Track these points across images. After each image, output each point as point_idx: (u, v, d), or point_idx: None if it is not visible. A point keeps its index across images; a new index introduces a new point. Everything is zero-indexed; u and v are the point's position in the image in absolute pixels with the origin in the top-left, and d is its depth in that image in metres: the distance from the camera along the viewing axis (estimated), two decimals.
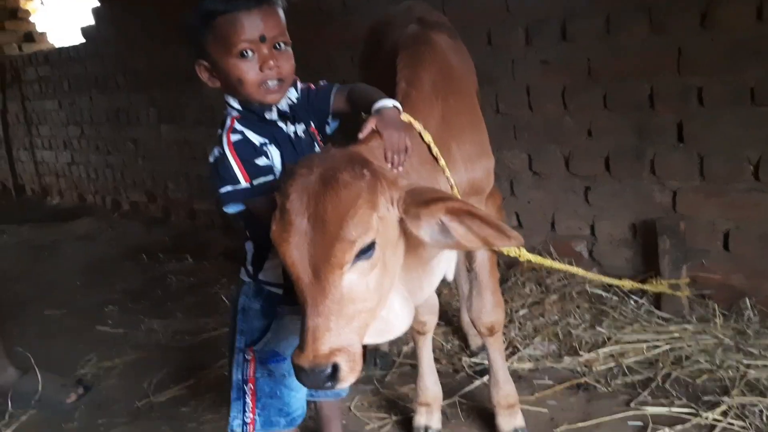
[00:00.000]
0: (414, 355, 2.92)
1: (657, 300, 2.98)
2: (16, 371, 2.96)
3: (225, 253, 4.91)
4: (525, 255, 2.05)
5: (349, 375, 1.31)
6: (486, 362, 2.76)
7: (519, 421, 2.23)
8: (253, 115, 1.68)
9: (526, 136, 3.41)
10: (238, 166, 1.60)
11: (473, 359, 2.83)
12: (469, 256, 2.06)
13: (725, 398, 2.27)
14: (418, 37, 2.00)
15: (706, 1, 2.75)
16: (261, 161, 1.63)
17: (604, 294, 3.15)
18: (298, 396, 1.86)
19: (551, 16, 3.21)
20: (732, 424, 2.15)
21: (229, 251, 4.94)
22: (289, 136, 1.72)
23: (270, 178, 1.63)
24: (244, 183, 1.60)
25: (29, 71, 7.60)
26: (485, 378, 2.64)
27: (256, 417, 1.81)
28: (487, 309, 2.13)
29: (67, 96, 7.06)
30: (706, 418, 2.19)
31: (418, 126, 1.67)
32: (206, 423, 2.63)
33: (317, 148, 1.80)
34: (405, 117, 1.66)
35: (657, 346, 2.68)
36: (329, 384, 1.31)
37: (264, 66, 1.60)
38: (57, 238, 6.08)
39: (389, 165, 1.55)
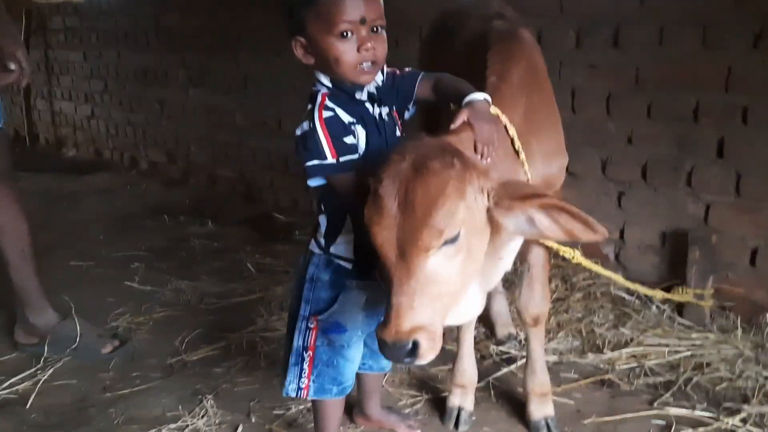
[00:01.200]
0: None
1: (679, 307, 3.09)
2: (55, 315, 3.03)
3: (247, 221, 4.98)
4: (578, 258, 2.15)
5: (428, 352, 1.42)
6: (512, 352, 2.90)
7: (549, 409, 2.33)
8: (344, 93, 1.75)
9: (566, 137, 3.47)
10: (327, 142, 1.68)
11: (500, 347, 2.92)
12: (524, 249, 2.13)
13: (745, 406, 2.38)
14: (508, 33, 2.08)
15: (761, 24, 2.83)
16: (349, 139, 1.71)
17: (627, 297, 3.25)
18: (352, 367, 1.95)
19: (604, 21, 3.28)
20: (751, 431, 2.26)
21: (251, 219, 5.02)
22: (374, 117, 1.79)
23: (355, 156, 1.71)
24: (331, 159, 1.68)
25: (56, 20, 7.57)
26: (512, 366, 2.76)
27: (311, 383, 1.91)
28: (536, 300, 2.22)
29: (94, 49, 7.05)
30: (727, 423, 2.30)
31: (504, 119, 1.75)
32: (240, 385, 2.72)
33: (398, 132, 1.87)
34: (494, 110, 1.73)
35: (678, 352, 2.79)
36: (408, 359, 1.41)
37: (362, 48, 1.66)
38: (75, 189, 6.11)
39: (479, 156, 1.63)
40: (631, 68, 3.21)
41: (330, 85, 1.75)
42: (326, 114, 1.70)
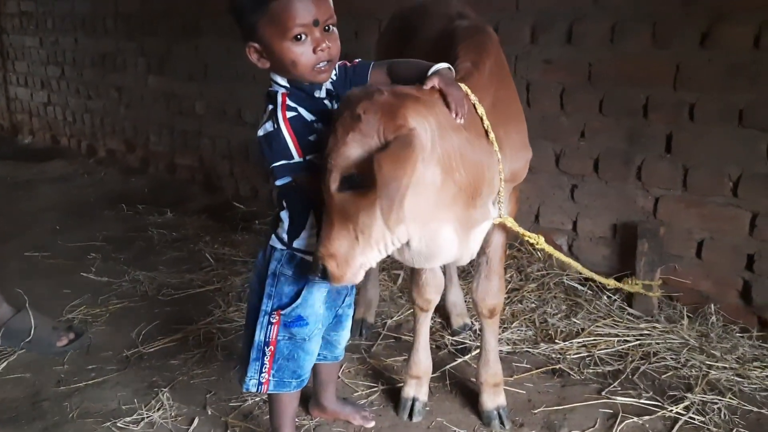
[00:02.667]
0: (397, 328, 3.12)
1: (629, 298, 3.18)
2: (9, 308, 2.99)
3: (206, 210, 4.96)
4: (542, 243, 2.20)
5: (335, 276, 1.65)
6: (467, 342, 2.96)
7: (501, 399, 2.39)
8: (302, 92, 1.77)
9: None
10: (294, 142, 1.71)
11: (455, 338, 2.98)
12: (484, 241, 2.16)
13: (688, 395, 2.47)
14: (478, 29, 2.11)
15: (708, 23, 2.91)
16: (313, 138, 1.74)
17: (579, 287, 3.33)
18: (311, 359, 2.00)
19: (559, 17, 3.33)
20: (693, 419, 2.35)
21: (210, 209, 5.00)
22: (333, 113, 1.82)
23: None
24: (297, 158, 1.71)
25: (10, 4, 7.40)
26: (467, 356, 2.81)
27: (271, 378, 1.95)
28: (493, 292, 2.27)
29: (50, 34, 6.91)
30: (671, 411, 2.39)
31: (473, 97, 1.80)
32: (196, 377, 2.72)
33: None
34: (463, 87, 1.78)
35: (627, 341, 2.87)
36: (324, 280, 1.68)
37: (317, 49, 1.69)
38: (31, 177, 6.02)
39: (453, 115, 1.70)
40: (584, 64, 3.27)
41: (288, 85, 1.77)
42: (290, 114, 1.73)
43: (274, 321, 1.90)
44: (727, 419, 2.35)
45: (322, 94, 1.80)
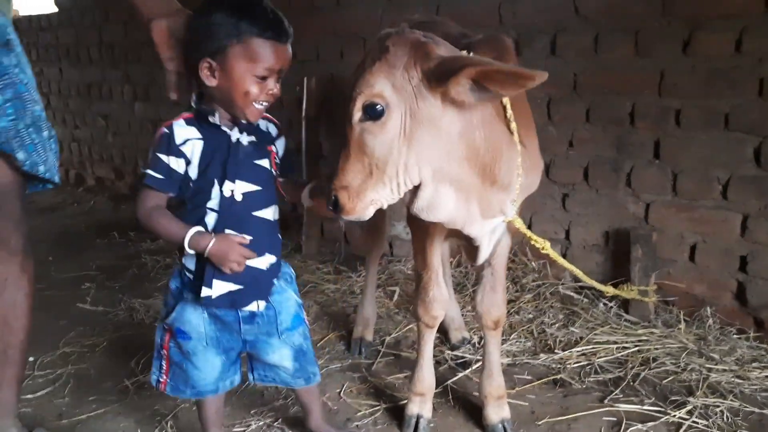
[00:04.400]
0: (396, 345, 3.13)
1: (625, 304, 3.20)
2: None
3: None
4: (547, 249, 2.21)
5: (346, 209, 1.68)
6: (467, 356, 2.96)
7: (506, 412, 2.39)
8: (201, 116, 1.84)
9: None
10: (151, 154, 1.82)
11: (454, 352, 2.99)
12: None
13: (690, 399, 2.48)
14: (496, 36, 2.12)
15: (689, 31, 2.96)
16: (165, 158, 1.80)
17: (575, 296, 3.35)
18: (202, 375, 2.03)
19: (541, 30, 3.38)
20: (696, 423, 2.36)
21: None
22: (229, 138, 1.86)
23: (159, 176, 1.80)
24: (148, 170, 1.81)
25: None
26: (468, 370, 2.82)
27: (168, 380, 2.04)
28: (498, 303, 2.28)
29: (35, 65, 6.89)
30: (674, 416, 2.40)
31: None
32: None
33: (263, 160, 1.94)
34: None
35: (626, 348, 2.89)
36: (335, 212, 1.71)
37: (268, 91, 1.80)
38: None
39: None
40: (569, 75, 3.32)
41: (195, 107, 1.85)
42: (164, 130, 1.82)
43: (167, 328, 2.00)
44: (729, 421, 2.36)
45: (217, 121, 1.84)
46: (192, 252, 1.80)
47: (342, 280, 3.93)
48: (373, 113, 1.61)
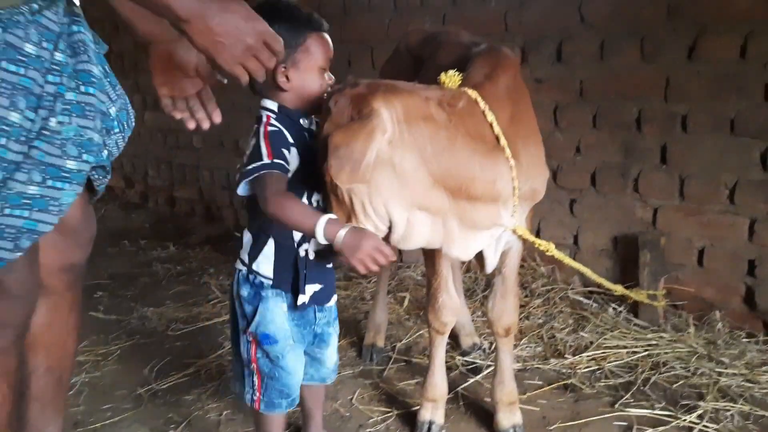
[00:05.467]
0: (407, 351, 3.15)
1: (634, 308, 3.22)
2: None
3: (209, 241, 4.99)
4: (552, 250, 2.25)
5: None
6: (478, 361, 2.98)
7: (518, 418, 2.41)
8: (288, 118, 1.89)
9: None
10: (267, 148, 1.80)
11: (465, 358, 3.01)
12: (500, 261, 2.23)
13: (701, 403, 2.49)
14: (494, 48, 2.17)
15: (694, 36, 2.98)
16: (286, 152, 1.83)
17: (584, 301, 3.37)
18: (294, 378, 2.02)
19: (547, 36, 3.41)
20: (707, 427, 2.37)
21: (212, 240, 5.03)
22: (304, 127, 1.94)
23: (287, 165, 1.81)
24: (266, 159, 1.78)
25: None
26: (479, 376, 2.84)
27: (262, 397, 2.00)
28: (509, 311, 2.30)
29: None
30: (685, 421, 2.41)
31: (482, 104, 1.87)
32: (211, 411, 2.73)
33: None
34: (472, 93, 1.88)
35: (636, 352, 2.90)
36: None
37: (329, 80, 1.92)
38: None
39: None
40: (576, 81, 3.35)
41: (276, 110, 1.89)
42: (270, 129, 1.85)
43: (251, 340, 1.96)
44: (740, 425, 2.38)
45: (306, 124, 1.93)
46: (324, 241, 1.72)
47: (353, 287, 3.96)
48: None
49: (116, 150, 1.66)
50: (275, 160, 1.78)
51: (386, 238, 1.88)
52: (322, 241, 1.71)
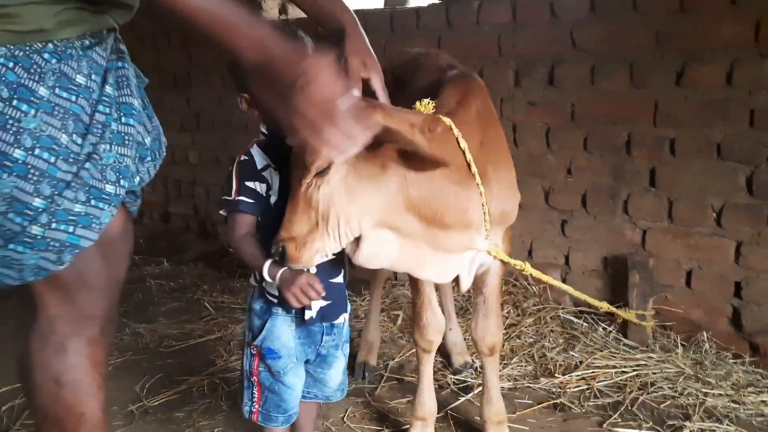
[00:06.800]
0: (400, 369, 3.17)
1: (624, 329, 3.26)
2: None
3: (202, 259, 5.01)
4: (528, 269, 2.29)
5: (292, 258, 1.76)
6: (469, 380, 3.01)
7: None
8: (278, 139, 1.88)
9: None
10: (235, 180, 1.91)
11: (457, 376, 3.03)
12: (480, 281, 2.27)
13: (687, 423, 2.53)
14: (465, 74, 2.24)
15: (682, 63, 3.05)
16: (251, 184, 1.90)
17: (575, 320, 3.41)
18: (294, 394, 2.06)
19: (540, 61, 3.47)
20: None
21: (207, 256, 5.04)
22: None
23: (250, 201, 1.90)
24: (233, 195, 1.90)
25: None
26: (470, 395, 2.87)
27: (260, 409, 2.05)
28: (492, 330, 2.33)
29: None
30: None
31: (456, 131, 1.91)
32: (203, 429, 2.74)
33: None
34: (446, 120, 1.91)
35: (625, 372, 2.94)
36: (282, 261, 1.78)
37: None
38: None
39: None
40: (567, 104, 3.41)
41: (266, 132, 1.96)
42: (243, 158, 1.93)
43: (254, 352, 2.01)
44: None
45: None
46: (270, 281, 1.85)
47: None
48: (321, 171, 1.73)
49: (147, 177, 1.72)
50: (239, 197, 1.89)
51: (349, 258, 1.93)
52: (267, 278, 1.84)
